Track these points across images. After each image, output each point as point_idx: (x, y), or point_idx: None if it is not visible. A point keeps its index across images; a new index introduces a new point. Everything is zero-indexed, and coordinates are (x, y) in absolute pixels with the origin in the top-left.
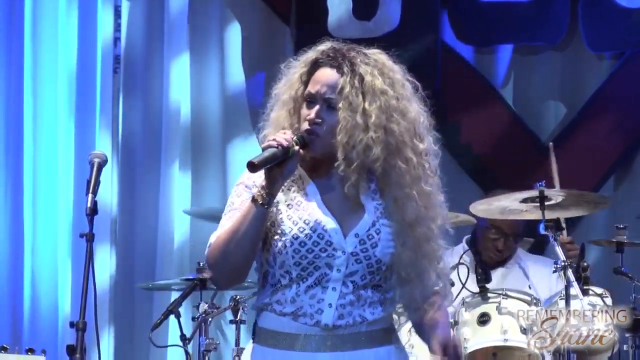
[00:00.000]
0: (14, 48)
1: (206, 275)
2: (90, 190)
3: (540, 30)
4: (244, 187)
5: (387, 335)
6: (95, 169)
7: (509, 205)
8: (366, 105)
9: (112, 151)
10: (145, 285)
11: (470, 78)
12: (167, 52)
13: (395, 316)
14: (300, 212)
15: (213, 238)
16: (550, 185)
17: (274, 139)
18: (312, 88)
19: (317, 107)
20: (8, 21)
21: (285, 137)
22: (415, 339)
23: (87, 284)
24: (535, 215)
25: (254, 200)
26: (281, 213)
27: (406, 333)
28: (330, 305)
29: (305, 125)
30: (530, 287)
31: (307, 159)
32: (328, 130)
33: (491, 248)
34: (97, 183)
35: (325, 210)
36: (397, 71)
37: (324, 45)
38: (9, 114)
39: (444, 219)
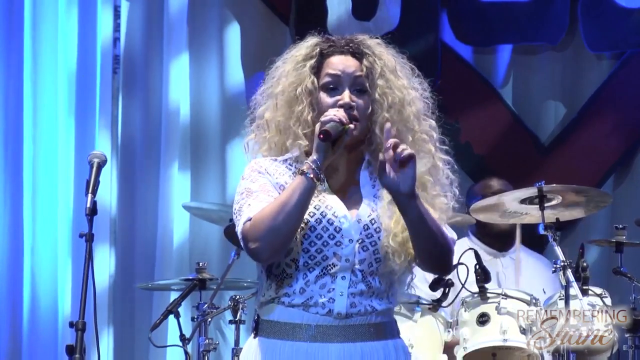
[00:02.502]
0: (13, 48)
1: (206, 275)
2: (90, 191)
3: (540, 30)
4: (257, 173)
5: (393, 328)
6: (94, 169)
7: (509, 207)
8: (397, 82)
9: (111, 151)
10: (144, 285)
11: (470, 78)
12: (167, 52)
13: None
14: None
15: (251, 214)
16: None
17: (334, 115)
18: (333, 74)
19: (346, 91)
20: (8, 21)
21: (342, 114)
22: (415, 339)
23: (87, 284)
24: (536, 218)
25: (302, 173)
26: None
27: (405, 332)
28: (342, 293)
29: (340, 112)
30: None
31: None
32: (362, 114)
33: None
34: (97, 183)
35: (333, 196)
36: (392, 52)
37: (314, 39)
38: (9, 114)
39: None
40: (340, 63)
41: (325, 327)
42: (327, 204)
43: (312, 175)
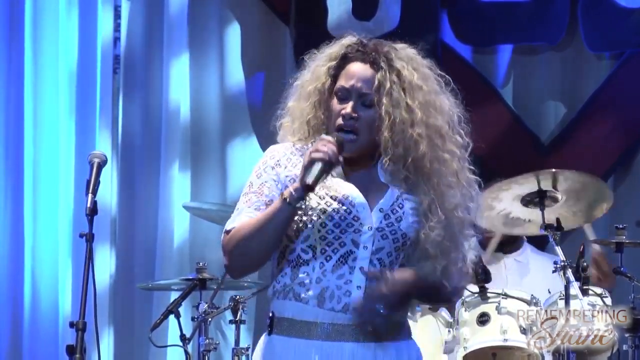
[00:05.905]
0: (14, 48)
1: (206, 275)
2: (90, 191)
3: (540, 30)
4: (269, 167)
5: (406, 329)
6: (94, 169)
7: (511, 211)
8: (408, 101)
9: (111, 151)
10: (145, 285)
11: (470, 78)
12: (167, 52)
13: None
14: (326, 188)
15: (230, 225)
16: None
17: (316, 151)
18: (345, 83)
19: (351, 102)
20: (8, 21)
21: (327, 149)
22: (415, 339)
23: (87, 284)
24: (538, 223)
25: (283, 199)
26: None
27: None
28: (359, 287)
29: (340, 121)
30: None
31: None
32: (364, 127)
33: None
34: (97, 183)
35: (351, 186)
36: (427, 65)
37: (348, 39)
38: (10, 114)
39: (475, 210)
40: (354, 75)
41: (340, 325)
42: (343, 193)
43: (292, 204)
